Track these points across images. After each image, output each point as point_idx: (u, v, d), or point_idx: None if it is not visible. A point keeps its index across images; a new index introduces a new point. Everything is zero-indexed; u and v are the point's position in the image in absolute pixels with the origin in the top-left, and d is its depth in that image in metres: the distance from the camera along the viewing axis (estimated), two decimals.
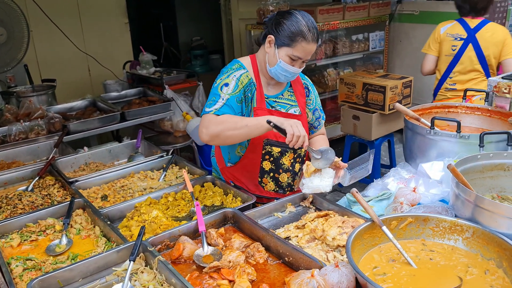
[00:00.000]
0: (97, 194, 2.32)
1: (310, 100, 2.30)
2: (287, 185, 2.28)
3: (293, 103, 2.23)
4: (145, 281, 1.58)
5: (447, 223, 1.60)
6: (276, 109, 2.17)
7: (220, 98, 2.03)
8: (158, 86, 4.14)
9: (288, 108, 2.21)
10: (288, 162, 2.23)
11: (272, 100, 2.18)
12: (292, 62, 2.04)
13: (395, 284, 1.39)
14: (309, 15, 2.06)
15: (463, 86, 3.64)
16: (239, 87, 2.07)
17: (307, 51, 2.02)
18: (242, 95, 2.08)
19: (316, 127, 2.35)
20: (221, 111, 2.00)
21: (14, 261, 1.75)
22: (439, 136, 2.25)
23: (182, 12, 7.16)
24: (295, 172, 2.28)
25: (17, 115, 3.23)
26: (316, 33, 2.03)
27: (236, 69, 2.12)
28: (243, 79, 2.09)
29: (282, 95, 2.22)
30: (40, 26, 4.42)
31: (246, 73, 2.12)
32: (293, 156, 2.23)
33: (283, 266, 1.67)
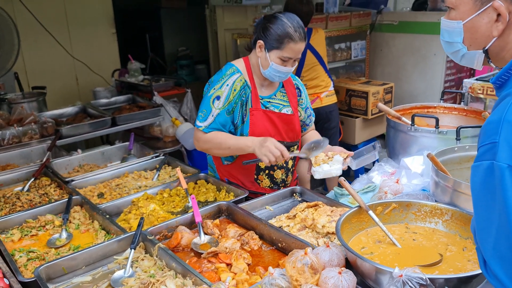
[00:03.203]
0: (93, 192, 2.39)
1: (302, 100, 2.41)
2: (281, 181, 2.39)
3: (285, 103, 2.32)
4: (146, 267, 1.66)
5: (428, 207, 1.72)
6: (270, 109, 2.26)
7: (210, 114, 2.18)
8: (147, 93, 4.22)
9: (281, 108, 2.30)
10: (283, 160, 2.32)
11: (266, 100, 2.28)
12: (284, 62, 2.13)
13: (381, 261, 1.50)
14: (294, 16, 2.16)
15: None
16: (231, 97, 2.17)
17: (296, 51, 2.11)
18: (233, 103, 2.18)
19: (308, 124, 2.47)
20: (209, 128, 2.17)
21: (17, 253, 1.81)
22: (419, 133, 2.40)
23: (167, 23, 7.28)
24: (288, 169, 2.39)
25: (9, 120, 3.28)
26: (303, 32, 2.12)
27: (229, 75, 2.21)
28: (237, 84, 2.19)
29: (275, 96, 2.31)
30: (28, 35, 4.48)
31: (240, 76, 2.21)
32: None
33: (277, 251, 1.77)
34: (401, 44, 5.54)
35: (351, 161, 2.13)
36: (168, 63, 7.27)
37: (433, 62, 5.29)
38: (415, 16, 5.45)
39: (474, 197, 1.03)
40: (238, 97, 2.19)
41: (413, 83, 5.54)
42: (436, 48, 5.20)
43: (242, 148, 2.15)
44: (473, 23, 1.16)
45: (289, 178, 2.43)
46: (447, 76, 5.29)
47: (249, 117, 2.22)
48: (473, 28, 1.16)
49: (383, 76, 5.81)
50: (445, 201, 1.75)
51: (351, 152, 2.12)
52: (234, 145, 2.16)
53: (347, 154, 2.09)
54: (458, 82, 5.40)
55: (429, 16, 5.23)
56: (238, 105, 2.21)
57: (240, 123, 2.23)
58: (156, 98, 4.04)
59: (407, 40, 5.48)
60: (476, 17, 1.14)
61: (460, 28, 1.19)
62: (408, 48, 5.48)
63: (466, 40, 1.20)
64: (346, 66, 6.00)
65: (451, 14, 1.21)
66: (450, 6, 1.21)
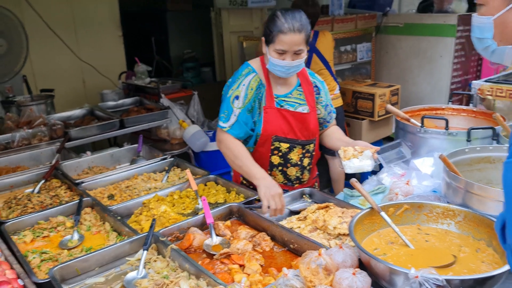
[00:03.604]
0: (103, 194, 2.40)
1: (322, 97, 2.41)
2: (295, 178, 2.40)
3: (302, 101, 2.33)
4: (158, 268, 1.66)
5: (440, 208, 1.72)
6: (285, 108, 2.28)
7: (232, 114, 2.23)
8: (154, 95, 4.24)
9: (296, 107, 2.31)
10: (297, 157, 2.35)
11: (281, 99, 2.29)
12: (280, 56, 2.13)
13: (395, 262, 1.50)
14: (294, 11, 2.16)
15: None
16: (249, 96, 2.23)
17: (287, 42, 2.09)
18: (252, 102, 2.24)
19: (328, 121, 2.48)
20: (233, 129, 2.23)
21: (30, 254, 1.82)
22: (429, 134, 2.40)
23: (173, 26, 7.29)
24: (303, 167, 2.40)
25: (18, 123, 3.30)
26: (297, 23, 2.09)
27: (245, 75, 2.27)
28: (252, 84, 2.24)
29: (291, 94, 2.32)
30: (36, 38, 4.50)
31: (256, 76, 2.26)
32: (301, 151, 2.35)
33: (289, 252, 1.77)
34: (407, 46, 5.54)
35: (379, 157, 2.14)
36: (174, 65, 7.28)
37: (439, 64, 5.28)
38: (420, 18, 5.45)
39: (506, 192, 1.03)
40: (255, 96, 2.24)
41: (419, 85, 5.54)
42: (443, 49, 5.20)
43: (250, 175, 2.17)
44: (503, 19, 1.16)
45: (305, 176, 2.44)
46: (453, 78, 5.29)
47: (263, 115, 2.26)
48: (503, 23, 1.17)
49: (388, 78, 5.81)
50: (457, 202, 1.75)
51: (377, 147, 2.13)
52: (245, 167, 2.19)
53: (374, 149, 2.10)
54: (464, 84, 5.39)
55: (435, 18, 5.23)
56: (256, 103, 2.25)
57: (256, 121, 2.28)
58: (163, 100, 4.06)
59: (413, 42, 5.48)
60: (506, 13, 1.15)
61: (490, 23, 1.20)
62: (414, 50, 5.48)
63: (496, 36, 1.21)
64: (352, 68, 6.00)
65: (482, 9, 1.22)
66: (480, 3, 1.22)
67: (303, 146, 2.34)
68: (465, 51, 5.22)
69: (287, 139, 2.30)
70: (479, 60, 5.46)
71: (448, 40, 5.09)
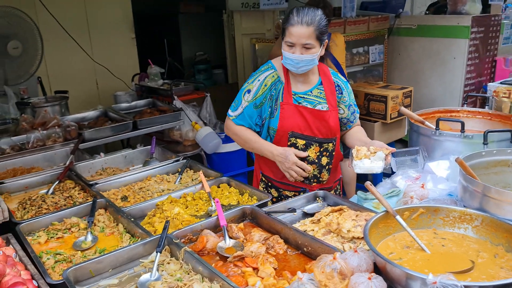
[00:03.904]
0: (116, 195, 2.41)
1: (345, 97, 2.42)
2: (313, 176, 2.40)
3: (321, 100, 2.35)
4: (172, 271, 1.66)
5: (456, 212, 1.70)
6: (303, 105, 2.31)
7: (240, 106, 2.35)
8: (167, 97, 4.25)
9: (315, 105, 2.34)
10: (314, 155, 2.36)
11: (300, 96, 2.33)
12: (290, 49, 2.18)
13: (411, 267, 1.48)
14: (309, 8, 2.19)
15: None
16: (261, 91, 2.31)
17: (294, 34, 2.14)
18: (263, 98, 2.32)
19: (352, 121, 2.48)
20: (238, 119, 2.37)
21: (44, 255, 1.83)
22: (444, 137, 2.37)
23: (185, 28, 7.33)
24: (321, 165, 2.40)
25: (33, 124, 3.33)
26: (307, 17, 2.14)
27: (264, 71, 2.36)
28: (268, 80, 2.32)
29: (311, 92, 2.35)
30: (51, 40, 4.55)
31: (273, 72, 2.33)
32: (319, 149, 2.36)
33: (302, 256, 1.75)
34: (420, 48, 5.49)
35: (392, 160, 2.13)
36: (186, 67, 7.32)
37: (453, 66, 5.22)
38: (434, 20, 5.40)
39: None
40: (268, 92, 2.31)
41: (431, 87, 5.49)
42: (456, 51, 5.14)
43: (264, 154, 2.37)
44: None
45: (324, 175, 2.43)
46: (467, 80, 5.23)
47: (279, 111, 2.29)
48: None
49: (401, 80, 5.76)
50: (474, 206, 1.72)
51: (393, 149, 2.12)
52: (258, 149, 2.39)
53: (389, 151, 2.10)
54: (478, 86, 5.33)
55: (449, 20, 5.18)
56: (268, 99, 2.31)
57: (268, 116, 2.34)
58: (176, 102, 4.07)
59: (425, 44, 5.43)
60: None
61: None
62: (427, 52, 5.43)
63: None
64: (364, 70, 5.96)
65: None
66: None
67: (321, 144, 2.35)
68: (479, 53, 5.16)
69: (303, 135, 2.32)
70: (493, 62, 5.40)
71: (462, 42, 5.04)
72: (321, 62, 2.42)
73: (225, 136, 4.20)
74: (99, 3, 5.18)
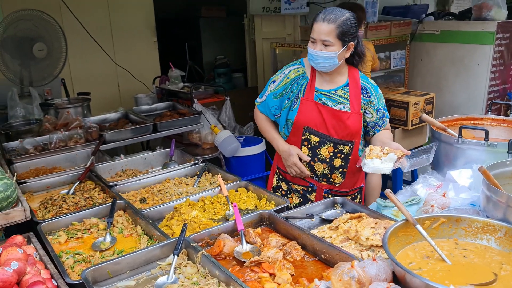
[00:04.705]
0: (135, 197, 2.43)
1: (373, 101, 2.41)
2: (323, 175, 2.44)
3: (344, 100, 2.37)
4: (189, 274, 1.66)
5: (479, 223, 1.66)
6: (324, 102, 2.36)
7: (264, 94, 2.52)
8: (187, 100, 4.28)
9: (336, 104, 2.37)
10: (327, 154, 2.39)
11: (322, 94, 2.38)
12: (313, 45, 2.26)
13: (431, 278, 1.45)
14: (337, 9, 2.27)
15: None
16: (283, 83, 2.44)
17: (316, 31, 2.23)
18: (283, 89, 2.44)
19: (380, 125, 2.47)
20: (261, 105, 2.55)
21: (64, 255, 1.86)
22: (467, 145, 2.32)
23: (206, 32, 7.38)
24: (333, 166, 2.42)
25: (56, 125, 3.39)
26: (330, 15, 2.21)
27: (291, 65, 2.49)
28: (291, 74, 2.43)
29: (335, 92, 2.38)
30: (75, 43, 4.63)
31: (299, 67, 2.43)
32: (333, 150, 2.37)
33: (320, 263, 1.74)
34: (443, 54, 5.41)
35: (405, 162, 2.10)
36: (206, 71, 7.36)
37: (476, 72, 5.13)
38: (457, 25, 5.32)
39: None
40: (289, 85, 2.42)
41: (454, 93, 5.40)
42: (480, 57, 5.05)
43: (273, 145, 2.56)
44: None
45: (336, 177, 2.46)
46: (491, 87, 5.13)
47: (299, 105, 2.36)
48: None
49: (422, 86, 5.68)
50: (498, 217, 1.67)
51: (408, 152, 2.10)
52: (269, 139, 2.59)
53: (403, 153, 2.08)
54: (502, 93, 5.22)
55: (473, 25, 5.09)
56: (288, 91, 2.42)
57: (287, 108, 2.43)
58: (196, 105, 4.09)
59: (448, 50, 5.35)
60: None
61: None
62: (450, 58, 5.34)
63: None
64: (385, 75, 5.90)
65: None
66: None
67: (336, 145, 2.38)
68: (504, 59, 5.06)
69: (318, 132, 2.37)
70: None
71: (486, 48, 4.95)
72: (352, 66, 2.42)
73: (243, 140, 4.20)
74: (122, 8, 5.26)
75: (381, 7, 6.14)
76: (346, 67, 2.40)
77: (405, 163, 2.11)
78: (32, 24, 3.77)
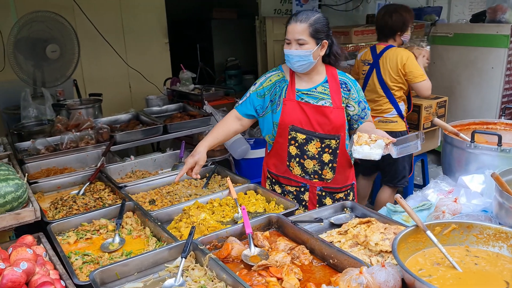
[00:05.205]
0: (145, 198, 2.44)
1: (353, 94, 2.47)
2: (313, 172, 2.49)
3: (325, 96, 2.44)
4: (196, 277, 1.66)
5: (491, 230, 1.63)
6: (306, 100, 2.43)
7: (245, 96, 2.54)
8: (198, 101, 4.29)
9: (318, 100, 2.43)
10: (315, 150, 2.45)
11: (303, 93, 2.44)
12: (288, 46, 2.34)
13: (441, 285, 1.43)
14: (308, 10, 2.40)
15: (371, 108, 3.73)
16: (264, 84, 2.50)
17: (290, 31, 2.32)
18: (266, 90, 2.49)
19: (363, 117, 2.52)
20: (241, 106, 2.54)
21: (73, 255, 1.87)
22: (479, 150, 2.29)
23: (218, 34, 7.40)
24: (323, 162, 2.47)
25: (67, 125, 3.42)
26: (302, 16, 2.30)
27: (271, 71, 2.57)
28: (272, 77, 2.51)
29: (315, 89, 2.45)
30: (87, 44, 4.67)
31: (278, 72, 2.51)
32: (320, 145, 2.45)
33: (328, 268, 1.72)
34: (456, 57, 5.35)
35: (392, 148, 2.14)
36: (217, 72, 7.38)
37: (490, 76, 5.06)
38: (471, 28, 5.26)
39: None
40: (272, 86, 2.48)
41: (467, 97, 5.33)
42: (494, 61, 4.98)
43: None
44: None
45: (327, 173, 2.50)
46: (505, 91, 5.06)
47: (282, 107, 2.43)
48: None
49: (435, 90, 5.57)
50: (510, 224, 1.65)
51: (394, 139, 2.16)
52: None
53: (390, 140, 2.14)
54: None
55: (488, 28, 5.03)
56: (270, 93, 2.47)
57: (271, 112, 2.48)
58: (206, 107, 4.10)
59: (462, 53, 5.29)
60: None
61: None
62: (463, 61, 5.28)
63: None
64: None
65: None
66: None
67: (322, 139, 2.43)
68: None
69: (303, 130, 2.42)
70: None
71: (501, 51, 4.88)
72: (329, 65, 2.49)
73: (254, 142, 4.20)
74: (134, 9, 5.29)
75: None
76: (324, 66, 2.48)
77: (393, 150, 2.15)
78: (46, 26, 3.81)
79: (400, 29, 3.66)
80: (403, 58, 3.54)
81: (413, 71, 3.55)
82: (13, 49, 3.70)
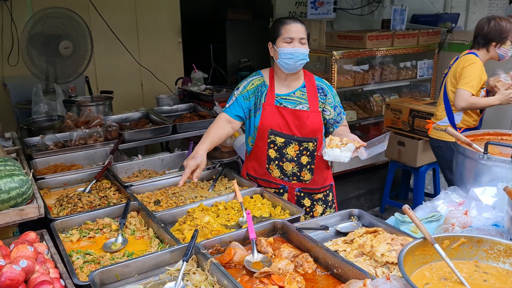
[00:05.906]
0: (150, 198, 2.42)
1: (329, 99, 2.58)
2: (292, 174, 2.56)
3: (303, 101, 2.52)
4: (197, 281, 1.63)
5: (502, 246, 1.57)
6: (284, 105, 2.50)
7: (231, 99, 2.58)
8: (208, 102, 4.28)
9: (296, 105, 2.51)
10: (293, 153, 2.52)
11: (282, 98, 2.51)
12: (289, 44, 2.39)
13: None
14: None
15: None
16: (248, 87, 2.55)
17: (293, 29, 2.40)
18: (250, 93, 2.54)
19: (338, 121, 2.62)
20: (229, 108, 2.56)
21: (75, 254, 1.85)
22: (493, 162, 2.22)
23: (231, 35, 7.40)
24: (301, 164, 2.54)
25: (77, 122, 3.43)
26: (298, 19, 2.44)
27: (251, 76, 2.63)
28: (254, 82, 2.56)
29: (294, 94, 2.53)
30: (100, 42, 4.70)
31: (259, 77, 2.58)
32: (298, 148, 2.52)
33: (332, 277, 1.68)
34: None
35: (362, 152, 2.25)
36: (229, 73, 7.37)
37: None
38: None
39: None
40: (255, 89, 2.54)
41: None
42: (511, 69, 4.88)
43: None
44: None
45: (306, 174, 2.56)
46: None
47: (261, 111, 2.49)
48: None
49: None
50: None
51: (364, 143, 2.25)
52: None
53: (360, 144, 2.23)
54: None
55: None
56: (253, 96, 2.53)
57: (253, 113, 2.54)
58: (216, 108, 4.08)
59: None
60: None
61: None
62: None
63: None
64: (411, 85, 5.80)
65: None
66: None
67: (300, 143, 2.51)
68: None
69: (282, 133, 2.49)
70: None
71: None
72: (306, 70, 2.60)
73: None
74: (148, 8, 5.31)
75: (409, 15, 6.03)
76: (302, 71, 2.56)
77: (364, 153, 2.25)
78: (60, 22, 3.84)
79: (496, 40, 3.34)
80: (466, 62, 3.31)
81: (466, 77, 3.30)
82: (26, 44, 3.73)
